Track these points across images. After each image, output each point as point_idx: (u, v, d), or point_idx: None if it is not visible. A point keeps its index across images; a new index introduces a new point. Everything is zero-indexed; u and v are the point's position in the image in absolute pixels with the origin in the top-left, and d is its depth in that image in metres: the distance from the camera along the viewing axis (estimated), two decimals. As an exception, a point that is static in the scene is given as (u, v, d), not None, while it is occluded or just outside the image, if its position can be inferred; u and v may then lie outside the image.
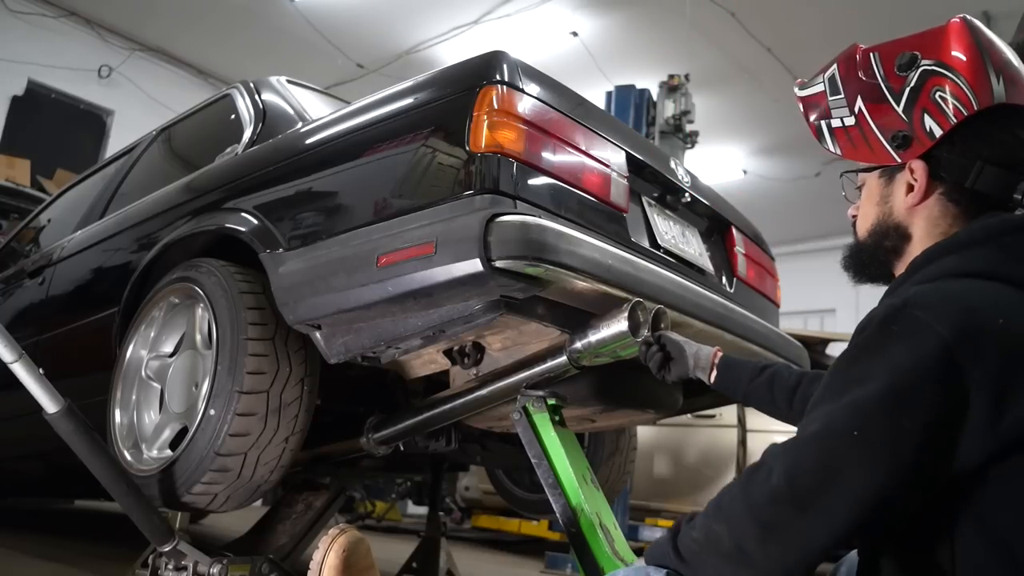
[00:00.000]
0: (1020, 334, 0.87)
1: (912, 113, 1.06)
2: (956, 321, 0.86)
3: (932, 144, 1.05)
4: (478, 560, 5.11)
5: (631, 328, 1.54)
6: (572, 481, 1.60)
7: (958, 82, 1.04)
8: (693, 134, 5.60)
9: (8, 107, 7.13)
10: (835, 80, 1.18)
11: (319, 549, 1.52)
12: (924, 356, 0.86)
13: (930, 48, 1.08)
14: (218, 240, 2.07)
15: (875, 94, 1.11)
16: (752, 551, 0.88)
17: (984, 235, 0.98)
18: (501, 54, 1.66)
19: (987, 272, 0.94)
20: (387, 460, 2.32)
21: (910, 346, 0.87)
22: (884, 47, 1.14)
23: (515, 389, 1.73)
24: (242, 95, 2.45)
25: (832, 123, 1.16)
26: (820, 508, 0.85)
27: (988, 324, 0.87)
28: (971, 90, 1.03)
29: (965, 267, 0.96)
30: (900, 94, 1.08)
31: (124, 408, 2.10)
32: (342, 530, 1.54)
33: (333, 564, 1.48)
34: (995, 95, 1.03)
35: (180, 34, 7.80)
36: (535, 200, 1.56)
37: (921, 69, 1.07)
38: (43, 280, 2.82)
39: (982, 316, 0.88)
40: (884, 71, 1.11)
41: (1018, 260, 0.94)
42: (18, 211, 4.68)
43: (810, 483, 0.86)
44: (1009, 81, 1.04)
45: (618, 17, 6.78)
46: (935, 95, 1.05)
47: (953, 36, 1.07)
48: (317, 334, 1.77)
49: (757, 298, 2.34)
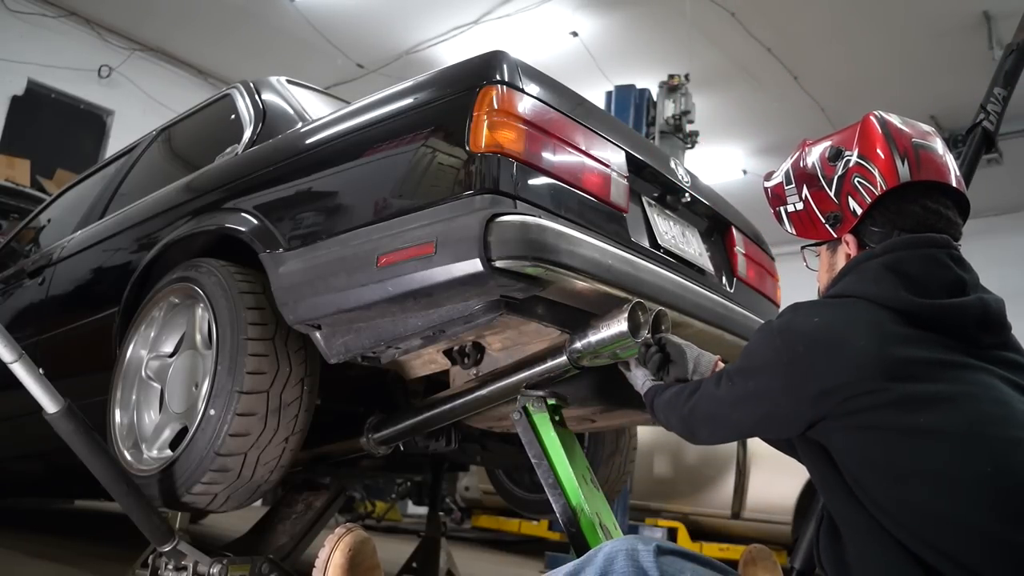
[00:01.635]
0: (826, 329, 1.15)
1: (841, 197, 1.32)
2: (784, 321, 1.21)
3: (856, 220, 1.30)
4: (478, 560, 5.11)
5: (631, 329, 1.54)
6: (572, 481, 1.60)
7: (870, 169, 1.29)
8: (693, 134, 5.60)
9: (8, 107, 7.12)
10: (789, 172, 1.45)
11: (325, 548, 1.52)
12: (764, 342, 1.22)
13: (850, 142, 1.34)
14: (218, 240, 2.07)
15: (815, 182, 1.37)
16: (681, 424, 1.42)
17: (847, 269, 1.28)
18: (501, 54, 1.66)
19: (843, 292, 1.23)
20: (387, 460, 2.32)
21: (760, 337, 1.25)
22: (819, 141, 1.42)
23: (515, 389, 1.73)
24: (242, 95, 2.45)
25: (788, 208, 1.43)
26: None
27: (804, 322, 1.18)
28: (880, 175, 1.27)
29: (834, 291, 1.26)
30: (831, 181, 1.34)
31: (124, 408, 2.10)
32: (348, 529, 1.54)
33: (338, 563, 1.48)
34: (900, 176, 1.26)
35: (180, 34, 7.79)
36: (535, 200, 1.56)
37: (845, 159, 1.32)
38: (43, 280, 2.82)
39: (801, 315, 1.20)
40: (820, 163, 1.37)
41: (868, 280, 1.20)
42: (18, 211, 4.67)
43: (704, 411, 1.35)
44: (913, 162, 1.27)
45: (618, 17, 6.78)
46: (855, 181, 1.30)
47: (866, 130, 1.33)
48: (317, 334, 1.77)
49: (757, 298, 2.34)
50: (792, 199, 1.41)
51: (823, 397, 1.11)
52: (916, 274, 1.18)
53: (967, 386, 1.08)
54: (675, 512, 5.23)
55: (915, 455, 1.05)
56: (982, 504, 1.00)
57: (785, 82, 7.14)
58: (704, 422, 1.35)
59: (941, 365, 1.10)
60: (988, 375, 1.11)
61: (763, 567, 1.89)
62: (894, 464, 1.06)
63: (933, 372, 1.09)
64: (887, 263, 1.21)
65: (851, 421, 1.10)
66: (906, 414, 1.06)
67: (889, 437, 1.07)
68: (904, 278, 1.18)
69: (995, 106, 2.42)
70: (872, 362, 1.09)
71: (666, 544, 1.18)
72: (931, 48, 6.66)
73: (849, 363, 1.10)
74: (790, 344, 1.16)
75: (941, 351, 1.11)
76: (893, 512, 1.05)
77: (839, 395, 1.10)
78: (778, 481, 4.75)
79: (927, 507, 1.02)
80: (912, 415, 1.06)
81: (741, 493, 4.97)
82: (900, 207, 1.26)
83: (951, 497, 1.01)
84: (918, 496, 1.03)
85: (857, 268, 1.25)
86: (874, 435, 1.08)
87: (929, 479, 1.03)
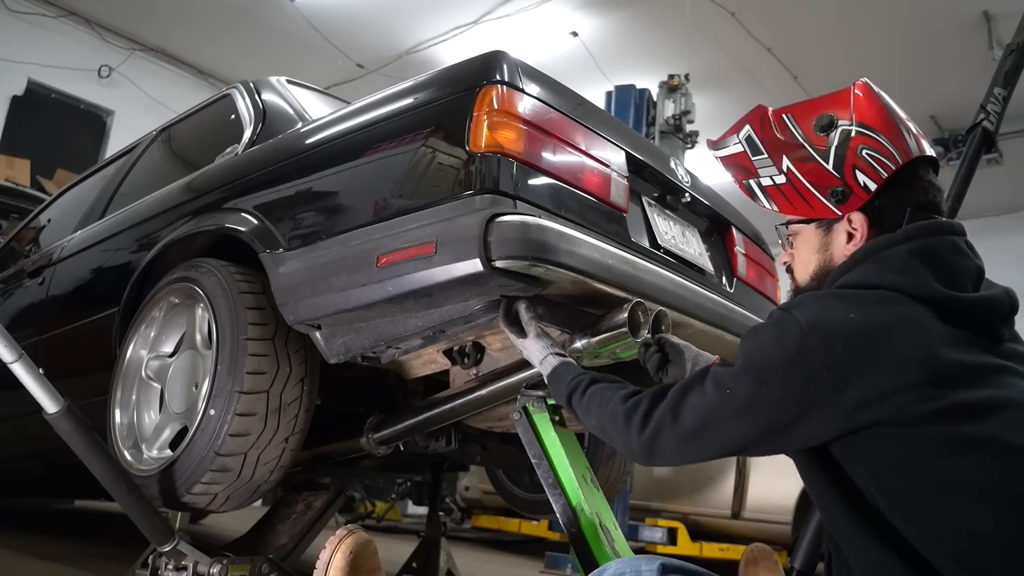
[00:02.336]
0: (867, 328, 1.02)
1: (843, 170, 1.19)
2: (812, 315, 1.04)
3: (869, 197, 1.18)
4: (478, 560, 5.11)
5: (631, 328, 1.53)
6: (572, 481, 1.60)
7: (881, 140, 1.18)
8: (693, 134, 5.60)
9: (8, 107, 7.12)
10: (753, 140, 1.32)
11: (326, 549, 1.52)
12: (784, 340, 1.04)
13: (843, 109, 1.23)
14: (218, 240, 2.07)
15: (800, 153, 1.24)
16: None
17: (864, 255, 1.15)
18: (501, 54, 1.66)
19: (865, 283, 1.10)
20: (387, 460, 2.31)
21: (777, 332, 1.06)
22: (794, 107, 1.30)
23: (515, 389, 1.73)
24: (242, 95, 2.45)
25: (762, 181, 1.29)
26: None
27: (839, 318, 1.03)
28: (893, 147, 1.18)
29: (850, 280, 1.12)
30: (827, 153, 1.21)
31: (124, 408, 2.10)
32: (350, 531, 1.54)
33: (339, 565, 1.48)
34: (911, 149, 1.18)
35: (180, 34, 7.79)
36: (535, 200, 1.56)
37: (841, 129, 1.21)
38: (43, 280, 2.82)
39: (833, 310, 1.04)
40: (804, 131, 1.25)
41: (895, 271, 1.09)
42: (18, 211, 4.67)
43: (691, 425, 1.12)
44: (916, 135, 1.20)
45: (618, 17, 6.78)
46: (863, 153, 1.18)
47: (864, 98, 1.23)
48: (317, 334, 1.77)
49: (757, 298, 2.34)
50: (767, 171, 1.28)
51: (865, 406, 0.99)
52: (945, 264, 1.09)
53: (1007, 391, 1.01)
54: (675, 512, 5.23)
55: (962, 468, 0.96)
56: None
57: (785, 82, 7.13)
58: (679, 440, 1.13)
59: (982, 369, 1.02)
60: (1016, 376, 1.04)
61: (765, 567, 1.89)
62: (938, 477, 0.97)
63: (977, 377, 1.01)
64: (914, 251, 1.10)
65: (892, 431, 0.99)
66: (955, 424, 0.97)
67: (936, 448, 0.97)
68: (934, 268, 1.08)
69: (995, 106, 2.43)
70: (921, 365, 0.99)
71: (670, 562, 1.14)
72: (931, 48, 6.66)
73: (897, 367, 0.99)
74: (827, 344, 1.00)
75: (977, 352, 1.03)
76: (927, 526, 0.96)
77: (884, 403, 0.98)
78: (778, 481, 4.75)
79: (971, 525, 0.94)
80: (961, 425, 0.97)
81: (741, 493, 4.98)
82: (910, 183, 1.18)
83: (998, 516, 0.93)
84: (963, 513, 0.95)
85: (879, 254, 1.12)
86: (918, 446, 0.98)
87: (976, 495, 0.95)
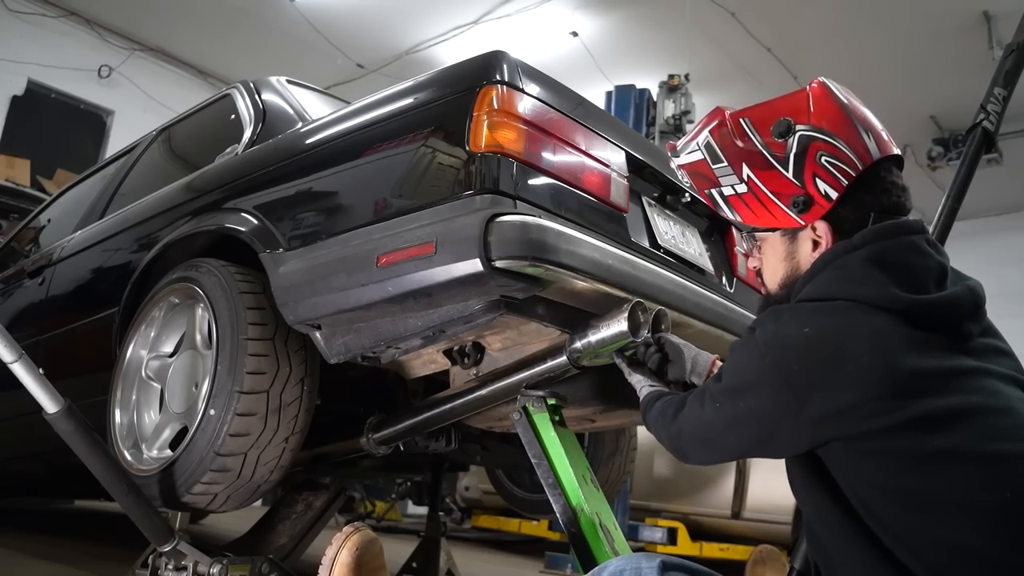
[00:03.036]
0: (821, 342, 1.02)
1: (803, 178, 1.16)
2: (768, 334, 1.07)
3: (831, 205, 1.15)
4: (478, 560, 5.11)
5: (631, 328, 1.53)
6: (572, 481, 1.60)
7: (839, 146, 1.15)
8: (693, 134, 5.59)
9: (8, 107, 7.12)
10: (712, 148, 1.27)
11: (332, 546, 1.52)
12: (750, 357, 1.08)
13: (800, 113, 1.18)
14: (218, 240, 2.07)
15: (759, 161, 1.20)
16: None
17: (823, 263, 1.13)
18: (501, 54, 1.66)
19: (824, 295, 1.09)
20: (387, 460, 2.32)
21: (744, 352, 1.10)
22: (752, 112, 1.24)
23: (515, 389, 1.73)
24: (242, 95, 2.45)
25: (724, 191, 1.26)
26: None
27: (793, 334, 1.04)
28: (852, 152, 1.14)
29: (810, 293, 1.11)
30: (785, 160, 1.18)
31: (124, 408, 2.10)
32: (356, 528, 1.55)
33: (345, 562, 1.49)
34: (871, 152, 1.15)
35: (180, 34, 7.80)
36: (535, 200, 1.56)
37: (799, 134, 1.17)
38: (43, 280, 2.82)
39: (787, 325, 1.06)
40: (762, 137, 1.20)
41: (853, 279, 1.07)
42: (18, 211, 4.67)
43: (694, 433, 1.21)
44: (876, 136, 1.16)
45: (618, 17, 6.78)
46: (822, 160, 1.15)
47: (819, 100, 1.18)
48: (317, 334, 1.77)
49: (757, 298, 2.33)
50: (728, 180, 1.24)
51: (827, 419, 1.00)
52: (903, 267, 1.07)
53: (975, 396, 1.00)
54: (675, 512, 5.22)
55: (932, 482, 0.96)
56: (1002, 534, 0.92)
57: (785, 82, 7.12)
58: (695, 445, 1.22)
59: (948, 374, 1.01)
60: (987, 377, 1.03)
61: (772, 567, 1.89)
62: (909, 491, 0.96)
63: (942, 384, 1.00)
64: (870, 256, 1.08)
65: (859, 445, 1.00)
66: (920, 436, 0.96)
67: (903, 463, 0.97)
68: (892, 273, 1.06)
69: (995, 106, 2.42)
70: (879, 378, 0.98)
71: (671, 559, 1.14)
72: (931, 48, 6.66)
73: (853, 380, 0.99)
74: (782, 362, 1.03)
75: (943, 355, 1.02)
76: (904, 538, 0.97)
77: (845, 417, 0.99)
78: (778, 481, 4.73)
79: (944, 536, 0.94)
80: (927, 437, 0.96)
81: (741, 493, 4.97)
82: (872, 186, 1.15)
83: (971, 527, 0.93)
84: (935, 525, 0.95)
85: (835, 263, 1.11)
86: (886, 460, 0.98)
87: (948, 508, 0.95)
